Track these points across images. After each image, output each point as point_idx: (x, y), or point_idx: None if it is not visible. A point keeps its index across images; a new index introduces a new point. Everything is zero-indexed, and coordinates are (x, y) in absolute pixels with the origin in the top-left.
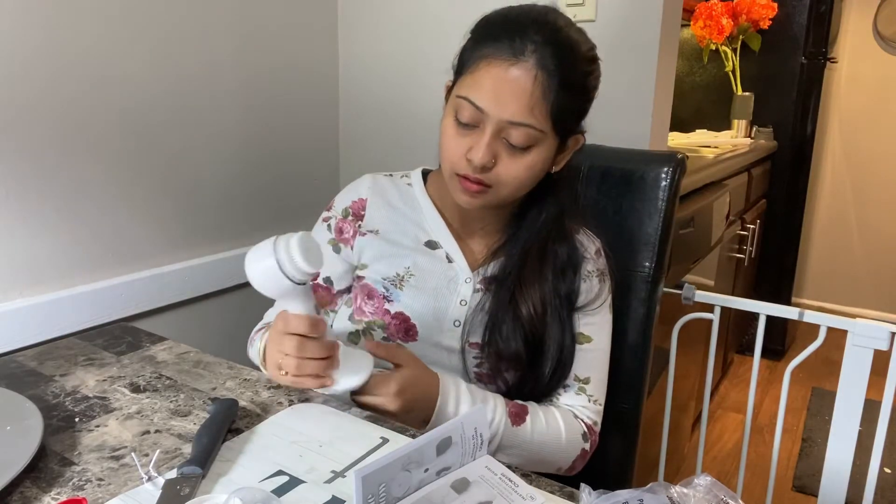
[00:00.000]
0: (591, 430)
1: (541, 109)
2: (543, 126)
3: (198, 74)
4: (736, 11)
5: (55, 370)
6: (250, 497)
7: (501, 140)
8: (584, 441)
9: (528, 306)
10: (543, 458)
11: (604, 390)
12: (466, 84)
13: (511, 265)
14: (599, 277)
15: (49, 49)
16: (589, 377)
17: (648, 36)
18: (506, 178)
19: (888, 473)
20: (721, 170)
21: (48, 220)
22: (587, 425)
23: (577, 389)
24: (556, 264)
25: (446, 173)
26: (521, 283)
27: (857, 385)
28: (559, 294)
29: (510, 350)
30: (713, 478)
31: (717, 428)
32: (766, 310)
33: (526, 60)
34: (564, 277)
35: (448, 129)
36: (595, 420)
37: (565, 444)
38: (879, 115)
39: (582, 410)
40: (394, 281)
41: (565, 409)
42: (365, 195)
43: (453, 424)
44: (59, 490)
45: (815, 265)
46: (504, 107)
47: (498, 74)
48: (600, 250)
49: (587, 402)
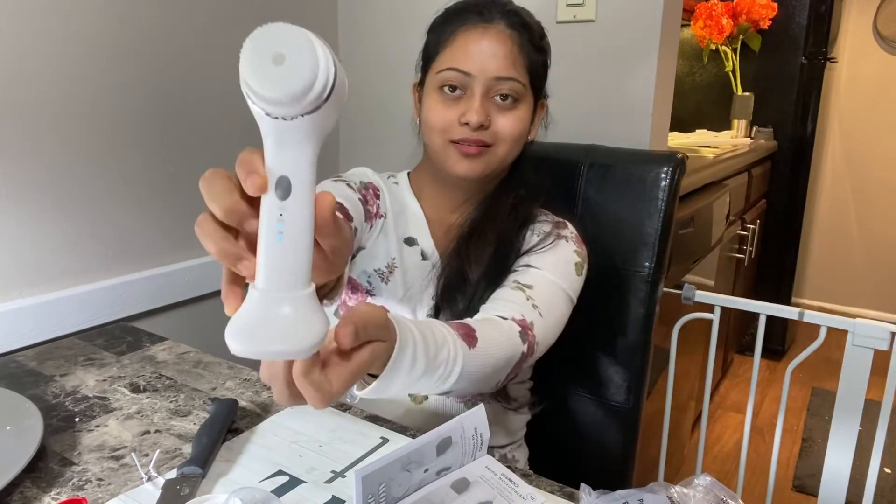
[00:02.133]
0: (527, 329)
1: (519, 62)
2: (524, 79)
3: (197, 74)
4: (736, 11)
5: (55, 370)
6: (250, 497)
7: (490, 100)
8: (522, 342)
9: (475, 271)
10: (495, 371)
11: (550, 313)
12: (446, 58)
13: (462, 235)
14: (553, 226)
15: (49, 49)
16: (531, 285)
17: (648, 36)
18: (503, 134)
19: (888, 473)
20: (721, 170)
21: (48, 220)
22: (521, 322)
23: (513, 286)
24: (506, 230)
25: (439, 147)
26: (469, 249)
27: (857, 385)
28: (507, 255)
29: (459, 314)
30: (713, 478)
31: (717, 428)
32: (766, 310)
33: (497, 24)
34: (516, 236)
35: (434, 104)
36: (532, 321)
37: (508, 348)
38: (879, 115)
39: (517, 305)
40: (376, 275)
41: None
42: (375, 182)
43: (453, 424)
44: (59, 490)
45: (815, 265)
46: (489, 65)
47: (476, 39)
48: (564, 223)
49: (525, 300)
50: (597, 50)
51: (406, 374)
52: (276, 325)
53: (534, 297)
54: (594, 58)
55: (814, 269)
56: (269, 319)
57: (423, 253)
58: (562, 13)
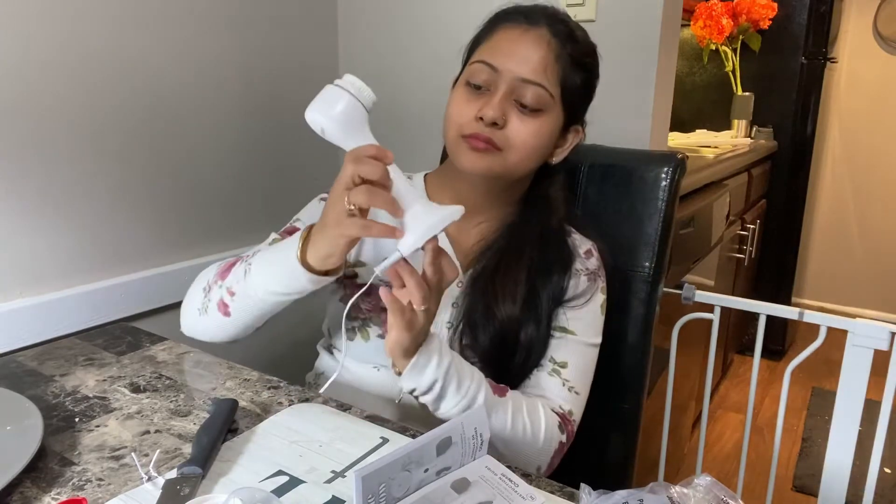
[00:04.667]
0: (566, 419)
1: (553, 71)
2: (553, 90)
3: (198, 75)
4: (736, 11)
5: (55, 370)
6: (250, 497)
7: (512, 101)
8: (561, 432)
9: (502, 309)
10: (525, 437)
11: (584, 383)
12: (481, 52)
13: (487, 266)
14: (589, 277)
15: (49, 49)
16: (566, 362)
17: (648, 36)
18: (514, 141)
19: (888, 473)
20: (721, 170)
21: (48, 220)
22: (561, 414)
23: (550, 370)
24: (537, 264)
25: (452, 140)
26: (496, 285)
27: (857, 385)
28: (538, 294)
29: (481, 348)
30: (713, 478)
31: (717, 428)
32: (766, 310)
33: (540, 28)
34: (550, 276)
35: (458, 96)
36: (570, 409)
37: (544, 429)
38: (879, 115)
39: (555, 395)
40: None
41: (536, 397)
42: None
43: (453, 424)
44: (59, 490)
45: (815, 265)
46: (518, 64)
47: (513, 37)
48: (592, 251)
49: (561, 386)
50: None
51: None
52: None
53: (569, 379)
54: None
55: (814, 269)
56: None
57: None
58: None
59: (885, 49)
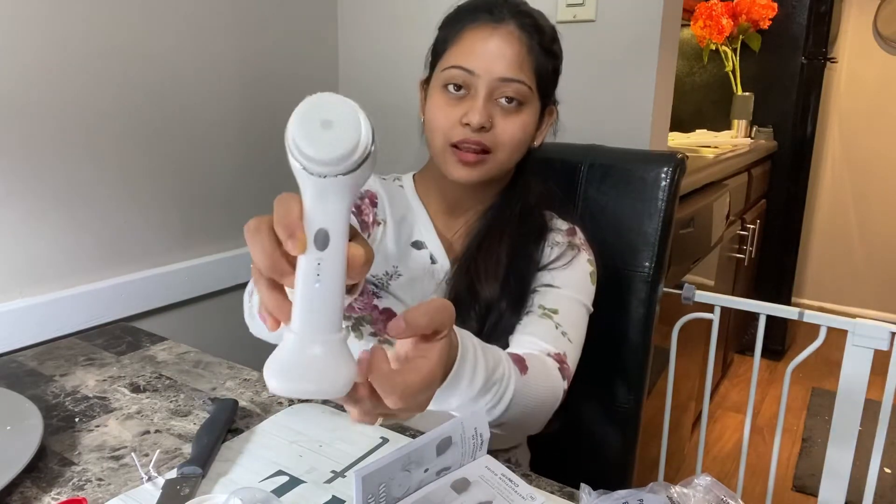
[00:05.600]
0: (563, 362)
1: (527, 64)
2: (531, 83)
3: (198, 75)
4: (736, 11)
5: (55, 370)
6: (250, 497)
7: (494, 102)
8: (563, 378)
9: (486, 288)
10: (540, 406)
11: (576, 335)
12: (452, 56)
13: (470, 247)
14: (569, 246)
15: (49, 49)
16: (557, 309)
17: (648, 36)
18: (503, 139)
19: (888, 473)
20: (721, 170)
21: (48, 220)
22: (556, 356)
23: (541, 314)
24: (516, 241)
25: (439, 149)
26: (478, 264)
27: (857, 385)
28: (520, 268)
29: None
30: (713, 478)
31: (717, 428)
32: (766, 310)
33: (507, 24)
34: (527, 247)
35: (438, 103)
36: (564, 351)
37: (551, 386)
38: (879, 115)
39: (548, 337)
40: (382, 279)
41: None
42: (373, 188)
43: (453, 424)
44: (59, 490)
45: (815, 265)
46: (495, 65)
47: (484, 37)
48: (575, 230)
49: (554, 328)
50: (597, 50)
51: (467, 384)
52: (310, 366)
53: (561, 323)
54: (594, 58)
55: (814, 269)
56: (305, 360)
57: (431, 256)
58: (562, 13)
59: (885, 49)
